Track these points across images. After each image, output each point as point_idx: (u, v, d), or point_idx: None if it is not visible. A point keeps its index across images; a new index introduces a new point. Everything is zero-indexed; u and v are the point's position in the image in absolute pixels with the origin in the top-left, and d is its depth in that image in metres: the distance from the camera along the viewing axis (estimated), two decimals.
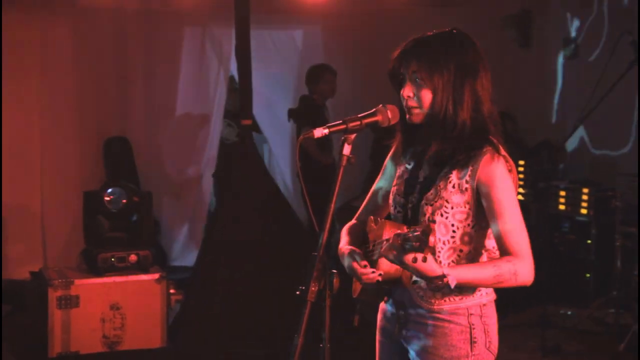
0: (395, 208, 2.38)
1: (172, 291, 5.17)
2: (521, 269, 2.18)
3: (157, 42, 6.99)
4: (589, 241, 6.08)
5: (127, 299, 4.98)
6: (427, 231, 1.94)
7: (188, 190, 7.29)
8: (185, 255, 7.24)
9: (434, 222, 2.10)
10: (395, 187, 2.40)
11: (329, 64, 6.83)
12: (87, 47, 6.78)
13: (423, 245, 1.94)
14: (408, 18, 6.60)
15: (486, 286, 2.25)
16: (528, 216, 6.30)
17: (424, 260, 1.99)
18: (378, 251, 2.19)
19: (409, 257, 2.00)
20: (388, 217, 2.43)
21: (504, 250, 2.20)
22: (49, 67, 6.68)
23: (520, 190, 6.63)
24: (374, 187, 2.53)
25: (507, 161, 2.25)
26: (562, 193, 6.32)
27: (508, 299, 2.40)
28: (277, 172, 7.50)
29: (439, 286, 2.13)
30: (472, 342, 2.27)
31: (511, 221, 2.20)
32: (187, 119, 7.24)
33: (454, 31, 2.29)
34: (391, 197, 2.41)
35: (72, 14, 6.68)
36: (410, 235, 1.97)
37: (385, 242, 2.08)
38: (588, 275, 6.06)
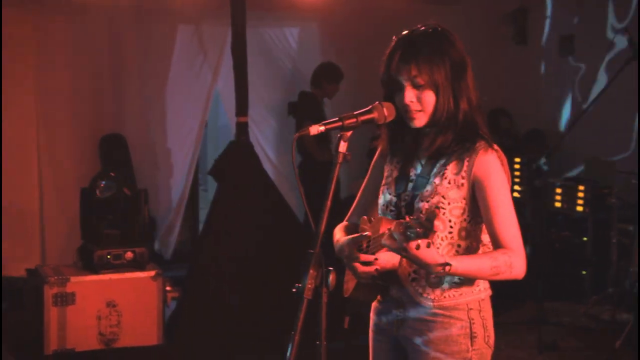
0: (387, 207, 2.37)
1: (168, 288, 5.16)
2: (516, 262, 2.20)
3: (152, 40, 6.98)
4: (585, 238, 6.09)
5: (123, 296, 4.98)
6: (432, 216, 1.93)
7: (182, 187, 7.29)
8: (181, 252, 7.25)
9: (439, 208, 2.10)
10: (385, 187, 2.40)
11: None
12: (81, 44, 6.76)
13: (427, 231, 1.94)
14: (404, 15, 6.58)
15: (483, 277, 2.25)
16: (524, 213, 6.34)
17: (428, 246, 1.99)
18: (373, 246, 2.19)
19: (412, 245, 2.00)
20: None
21: (498, 244, 2.22)
22: (43, 65, 6.66)
23: (517, 187, 6.64)
24: (362, 188, 2.53)
25: (499, 155, 2.27)
26: (558, 190, 6.33)
27: (504, 296, 2.40)
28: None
29: (439, 274, 2.13)
30: (472, 336, 2.29)
31: (505, 215, 2.22)
32: (180, 117, 7.23)
33: (439, 28, 2.28)
34: (381, 196, 2.41)
35: (66, 12, 6.66)
36: (414, 222, 1.96)
37: (387, 232, 2.07)
38: (584, 272, 6.07)
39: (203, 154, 9.08)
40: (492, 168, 2.23)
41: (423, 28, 2.29)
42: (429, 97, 2.24)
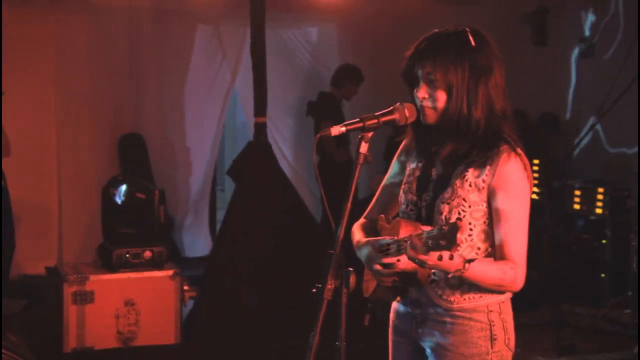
0: (407, 206, 2.37)
1: (186, 288, 5.18)
2: (519, 277, 2.21)
3: (171, 40, 7.01)
4: (603, 241, 6.05)
5: (141, 295, 5.00)
6: (455, 229, 1.93)
7: (200, 186, 7.32)
8: (199, 251, 7.28)
9: (461, 219, 2.09)
10: (406, 185, 2.39)
11: None
12: (101, 44, 6.80)
13: (450, 243, 1.94)
14: (424, 16, 6.56)
15: (485, 286, 2.22)
16: (542, 215, 6.31)
17: (451, 258, 1.99)
18: (394, 249, 2.19)
19: (434, 255, 2.00)
20: (397, 215, 2.42)
21: (502, 255, 2.22)
22: (63, 65, 6.72)
23: (535, 189, 6.60)
24: (382, 185, 2.53)
25: (522, 159, 2.24)
26: (577, 192, 6.29)
27: (520, 298, 2.39)
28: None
29: (455, 277, 2.13)
30: (493, 339, 2.28)
31: (516, 228, 2.21)
32: (198, 116, 7.26)
33: (467, 29, 2.26)
34: (401, 195, 2.40)
35: (86, 12, 6.71)
36: (436, 233, 1.97)
37: (408, 240, 2.07)
38: (603, 275, 6.03)
39: (221, 153, 9.10)
40: (513, 176, 2.21)
41: (452, 29, 2.27)
42: (441, 96, 2.23)
